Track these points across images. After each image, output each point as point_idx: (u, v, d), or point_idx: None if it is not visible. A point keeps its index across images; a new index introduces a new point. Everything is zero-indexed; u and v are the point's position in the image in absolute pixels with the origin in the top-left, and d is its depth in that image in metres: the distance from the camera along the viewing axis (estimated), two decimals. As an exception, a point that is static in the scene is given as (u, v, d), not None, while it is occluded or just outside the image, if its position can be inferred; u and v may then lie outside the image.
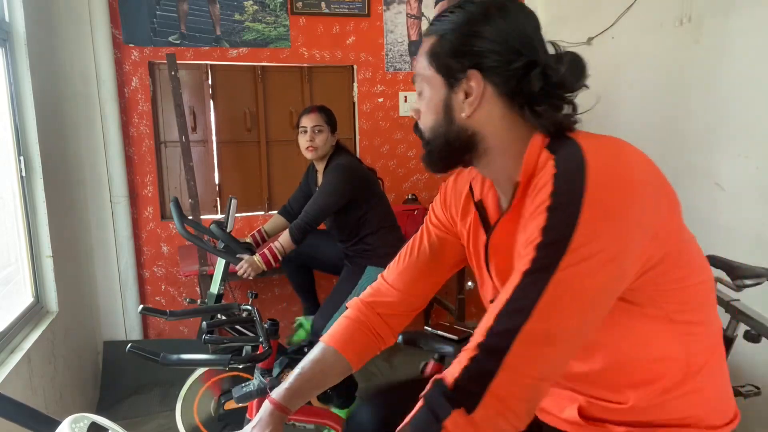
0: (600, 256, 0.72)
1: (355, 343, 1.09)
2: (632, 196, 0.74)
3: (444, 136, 0.90)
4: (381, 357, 3.14)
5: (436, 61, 0.88)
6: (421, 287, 1.13)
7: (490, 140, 0.88)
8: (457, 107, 0.88)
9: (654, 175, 0.80)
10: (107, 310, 3.00)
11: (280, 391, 1.00)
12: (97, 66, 2.80)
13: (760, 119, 2.03)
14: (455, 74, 0.86)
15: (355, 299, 1.15)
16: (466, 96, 0.86)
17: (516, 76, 0.84)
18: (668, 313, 0.82)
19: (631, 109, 2.69)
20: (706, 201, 2.24)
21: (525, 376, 0.72)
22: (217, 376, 2.13)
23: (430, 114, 0.91)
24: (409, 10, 3.33)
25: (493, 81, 0.85)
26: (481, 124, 0.87)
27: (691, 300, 0.84)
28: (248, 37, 3.08)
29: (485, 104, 0.86)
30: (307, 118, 2.44)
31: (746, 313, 1.54)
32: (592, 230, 0.72)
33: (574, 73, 0.85)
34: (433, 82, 0.89)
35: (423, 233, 1.14)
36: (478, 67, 0.85)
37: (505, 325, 0.73)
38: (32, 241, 2.14)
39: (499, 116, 0.87)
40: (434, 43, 0.88)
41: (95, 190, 2.90)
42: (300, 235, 2.33)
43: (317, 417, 1.68)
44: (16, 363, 1.74)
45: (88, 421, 0.68)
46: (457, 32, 0.86)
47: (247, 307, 1.58)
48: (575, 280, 0.72)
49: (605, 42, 2.82)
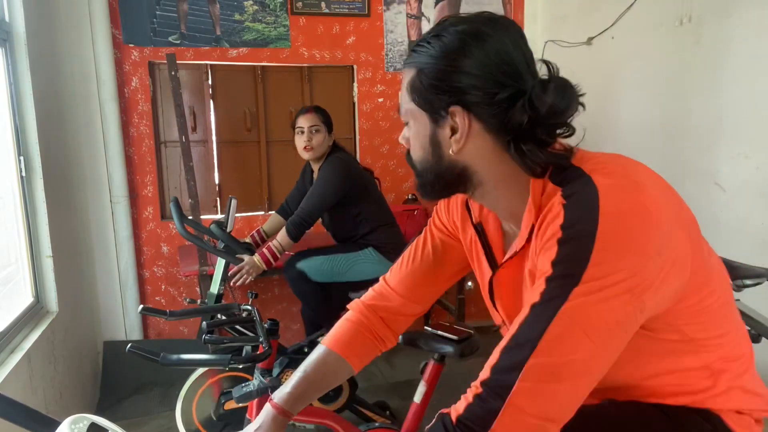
0: (615, 288, 0.68)
1: (357, 346, 1.07)
2: (649, 224, 0.70)
3: (434, 171, 0.86)
4: (381, 357, 3.11)
5: (418, 96, 0.83)
6: (424, 292, 1.11)
7: (483, 174, 0.84)
8: (444, 143, 0.83)
9: (668, 197, 0.77)
10: (107, 310, 3.00)
11: (282, 395, 0.99)
12: (97, 66, 2.80)
13: (760, 119, 2.03)
14: (438, 110, 0.81)
15: (357, 301, 1.13)
16: (453, 132, 0.82)
17: (501, 109, 0.78)
18: (687, 334, 0.80)
19: (631, 109, 2.69)
20: (706, 201, 2.24)
21: (529, 415, 0.68)
22: (217, 376, 2.13)
23: (419, 149, 0.87)
24: (409, 10, 3.33)
25: (479, 115, 0.80)
26: (470, 158, 0.83)
27: (710, 317, 0.81)
28: (248, 37, 3.08)
29: (473, 139, 0.81)
30: (304, 118, 2.44)
31: (746, 313, 1.54)
32: (608, 262, 0.68)
33: (562, 100, 0.76)
34: (418, 117, 0.85)
35: (427, 236, 1.10)
36: (461, 103, 0.79)
37: (510, 360, 0.70)
38: (32, 241, 2.14)
39: (490, 150, 0.82)
40: (414, 77, 0.83)
41: (95, 190, 2.90)
42: (297, 231, 2.34)
43: (317, 417, 1.68)
44: (16, 363, 1.74)
45: (88, 422, 0.68)
46: (436, 67, 0.80)
47: (247, 307, 1.58)
48: (586, 310, 0.68)
49: (605, 42, 2.82)
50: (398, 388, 2.79)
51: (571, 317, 0.68)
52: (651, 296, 0.71)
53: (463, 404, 0.73)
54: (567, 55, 3.08)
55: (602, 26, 2.81)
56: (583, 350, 0.69)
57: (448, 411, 0.75)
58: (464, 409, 0.72)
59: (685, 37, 2.33)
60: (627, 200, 0.71)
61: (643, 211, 0.71)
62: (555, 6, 3.26)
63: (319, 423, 1.69)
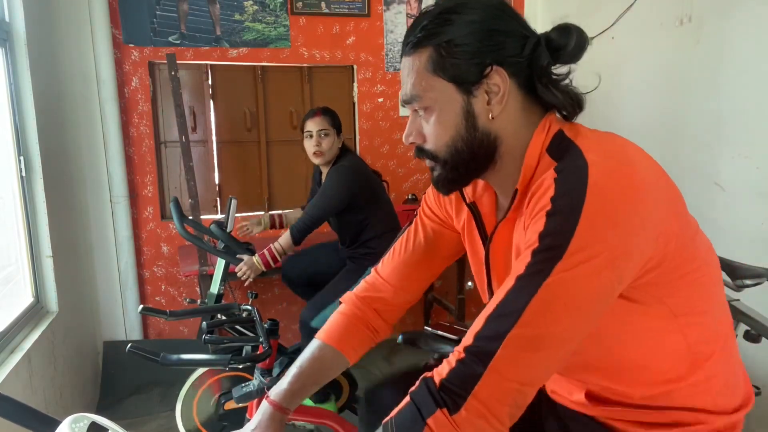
0: (596, 261, 0.71)
1: (352, 339, 1.08)
2: (635, 200, 0.73)
3: (469, 146, 0.85)
4: (381, 356, 3.14)
5: (443, 71, 0.83)
6: (416, 281, 1.12)
7: (509, 141, 0.86)
8: (479, 111, 0.84)
9: (657, 175, 0.79)
10: (107, 310, 3.00)
11: (279, 391, 0.99)
12: (97, 66, 2.80)
13: (760, 119, 2.03)
14: (472, 77, 0.82)
15: (350, 293, 1.14)
16: (488, 96, 0.83)
17: (526, 59, 0.83)
18: (671, 308, 0.82)
19: (631, 109, 2.69)
20: (706, 201, 2.24)
21: (509, 380, 0.72)
22: (217, 376, 2.13)
23: (448, 129, 0.85)
24: (409, 10, 3.33)
25: (511, 71, 0.83)
26: (503, 123, 0.85)
27: (694, 292, 0.83)
28: (248, 37, 3.08)
29: (508, 99, 0.84)
30: (312, 122, 2.39)
31: (746, 313, 1.54)
32: (592, 235, 0.71)
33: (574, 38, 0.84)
34: (445, 94, 0.84)
35: (417, 226, 1.11)
36: (498, 62, 0.82)
37: (493, 329, 0.73)
38: (32, 241, 2.14)
39: (519, 109, 0.85)
40: (432, 54, 0.83)
41: (95, 190, 2.90)
42: (300, 236, 2.33)
43: (317, 417, 1.68)
44: (16, 363, 1.74)
45: (88, 421, 0.68)
46: (464, 35, 0.82)
47: (247, 307, 1.58)
48: (567, 285, 0.71)
49: (605, 42, 2.82)
50: (398, 388, 2.79)
51: (553, 291, 0.71)
52: (631, 267, 0.74)
53: (446, 368, 0.76)
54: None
55: (602, 26, 2.81)
56: (564, 322, 0.72)
57: (431, 374, 0.77)
58: (447, 373, 0.75)
59: (685, 37, 2.33)
60: (615, 176, 0.74)
61: (631, 186, 0.74)
62: (555, 6, 3.26)
63: (319, 423, 1.69)
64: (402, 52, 0.89)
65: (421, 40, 0.84)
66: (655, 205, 0.75)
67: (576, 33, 0.84)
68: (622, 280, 0.75)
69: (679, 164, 2.37)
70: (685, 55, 2.34)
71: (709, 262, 0.87)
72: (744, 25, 2.07)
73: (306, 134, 2.42)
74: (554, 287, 0.71)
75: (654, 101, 2.55)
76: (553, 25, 0.88)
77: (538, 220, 0.75)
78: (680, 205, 0.82)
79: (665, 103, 2.48)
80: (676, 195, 0.82)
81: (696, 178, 2.29)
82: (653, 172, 0.79)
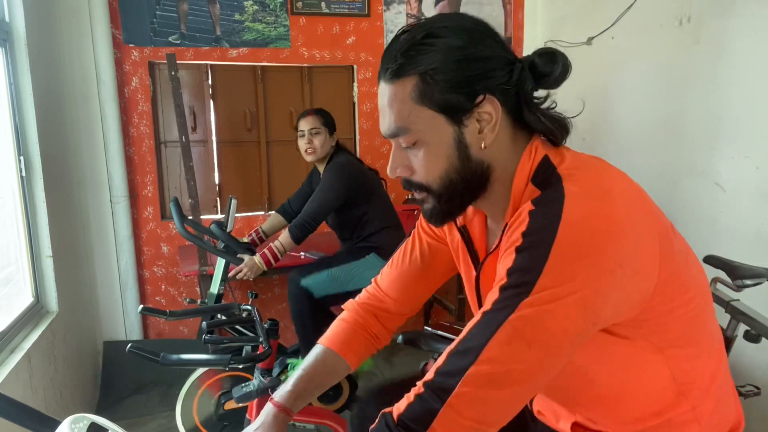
0: (565, 300, 0.68)
1: (354, 345, 1.09)
2: (610, 235, 0.70)
3: (462, 177, 0.82)
4: (381, 357, 3.14)
5: (430, 101, 0.78)
6: (415, 294, 1.12)
7: (499, 168, 0.83)
8: (471, 141, 0.80)
9: (638, 207, 0.76)
10: (107, 310, 3.00)
11: (283, 393, 1.00)
12: (97, 66, 2.80)
13: (760, 119, 2.03)
14: (463, 106, 0.78)
15: (352, 301, 1.15)
16: (479, 124, 0.80)
17: (512, 85, 0.80)
18: (655, 344, 0.80)
19: (631, 109, 2.69)
20: (706, 201, 2.24)
21: (465, 418, 0.70)
22: (217, 376, 2.13)
23: (439, 161, 0.81)
24: (409, 10, 3.33)
25: (501, 99, 0.79)
26: (494, 151, 0.82)
27: (683, 327, 0.81)
28: (248, 37, 3.08)
29: (499, 127, 0.80)
30: (304, 121, 2.45)
31: (746, 313, 1.54)
32: (562, 273, 0.68)
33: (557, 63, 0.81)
34: (435, 125, 0.79)
35: (415, 240, 1.11)
36: (488, 90, 0.78)
37: (454, 364, 0.72)
38: (32, 241, 2.14)
39: (509, 135, 0.82)
40: (418, 85, 0.78)
41: (95, 190, 2.90)
42: (300, 234, 2.33)
43: (318, 417, 1.68)
44: (16, 363, 1.74)
45: (88, 421, 0.68)
46: (452, 62, 0.77)
47: (247, 307, 1.58)
48: (532, 322, 0.69)
49: (605, 42, 2.82)
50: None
51: (515, 327, 0.69)
52: (608, 308, 0.72)
53: (404, 403, 0.75)
54: (567, 55, 3.07)
55: (602, 26, 2.81)
56: (525, 361, 0.69)
57: (391, 410, 0.76)
58: (405, 408, 0.74)
59: (685, 37, 2.33)
60: (591, 211, 0.71)
61: (607, 222, 0.71)
62: (555, 6, 3.26)
63: (319, 423, 1.70)
64: (380, 78, 0.83)
65: (403, 67, 0.79)
66: (634, 241, 0.72)
67: (561, 59, 0.81)
68: (598, 321, 0.72)
69: (679, 164, 2.37)
70: (685, 55, 2.34)
71: (703, 291, 0.84)
72: (743, 25, 2.07)
73: (299, 134, 2.47)
74: (517, 324, 0.69)
75: (654, 101, 2.55)
76: (554, 25, 0.86)
77: (509, 255, 0.73)
78: (665, 236, 0.79)
79: (665, 103, 2.48)
80: (660, 225, 0.79)
81: (696, 178, 2.30)
82: (634, 204, 0.76)
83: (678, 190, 2.38)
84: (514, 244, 0.73)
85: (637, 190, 0.79)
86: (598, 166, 0.81)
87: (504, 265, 0.74)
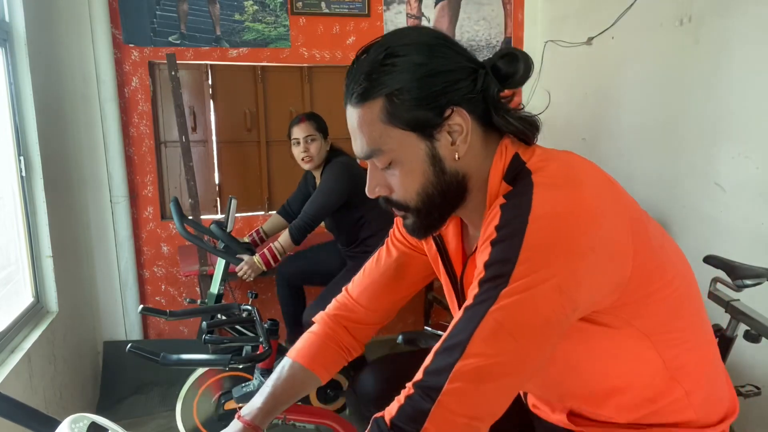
0: (542, 287, 0.69)
1: (323, 358, 1.08)
2: (581, 221, 0.71)
3: (439, 190, 0.83)
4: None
5: (399, 120, 0.79)
6: (386, 303, 1.11)
7: (475, 177, 0.84)
8: (445, 154, 0.81)
9: (608, 193, 0.77)
10: (107, 310, 3.00)
11: (252, 410, 0.99)
12: (97, 66, 2.80)
13: (760, 119, 2.03)
14: (432, 121, 0.79)
15: (322, 313, 1.14)
16: (451, 137, 0.80)
17: (478, 92, 0.80)
18: (639, 329, 0.80)
19: (631, 108, 2.69)
20: (706, 201, 2.24)
21: (458, 415, 0.70)
22: (217, 376, 2.13)
23: (416, 178, 0.82)
24: (409, 10, 3.33)
25: (469, 109, 0.80)
26: (468, 160, 0.82)
27: (665, 310, 0.81)
28: (248, 37, 3.08)
29: (470, 136, 0.81)
30: (298, 128, 2.41)
31: (746, 313, 1.54)
32: (535, 261, 0.69)
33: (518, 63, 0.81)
34: (405, 144, 0.80)
35: (389, 248, 1.10)
36: (454, 102, 0.79)
37: (441, 362, 0.72)
38: (32, 241, 2.14)
39: (480, 141, 0.82)
40: (385, 105, 0.79)
41: (95, 190, 2.90)
42: (299, 235, 2.33)
43: (318, 417, 1.68)
44: (16, 363, 1.74)
45: (88, 421, 0.68)
46: (416, 78, 0.78)
47: (247, 307, 1.59)
48: (513, 312, 0.69)
49: (605, 42, 2.82)
50: (398, 388, 2.79)
51: (497, 319, 0.70)
52: (584, 293, 0.72)
53: (395, 406, 0.74)
54: (567, 55, 3.08)
55: (602, 26, 2.81)
56: (510, 351, 0.70)
57: (382, 414, 0.76)
58: (396, 411, 0.74)
59: (685, 37, 2.33)
60: (560, 199, 0.72)
61: (576, 208, 0.72)
62: (555, 6, 3.26)
63: (319, 423, 1.70)
64: (346, 101, 0.84)
65: (368, 90, 0.80)
66: (605, 226, 0.73)
67: (522, 59, 0.81)
68: (577, 306, 0.72)
69: (679, 164, 2.37)
70: (685, 55, 2.34)
71: (683, 273, 0.85)
72: (743, 25, 2.07)
73: (293, 141, 2.44)
74: (498, 315, 0.69)
75: (654, 101, 2.55)
76: (554, 25, 0.87)
77: (485, 250, 0.74)
78: (638, 220, 0.79)
79: (665, 103, 2.48)
80: (632, 208, 0.80)
81: (696, 178, 2.30)
82: (602, 191, 0.77)
83: (678, 190, 2.38)
84: (489, 238, 0.74)
85: (606, 178, 0.80)
86: (567, 158, 0.81)
87: (481, 259, 0.74)
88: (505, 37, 3.47)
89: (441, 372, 0.71)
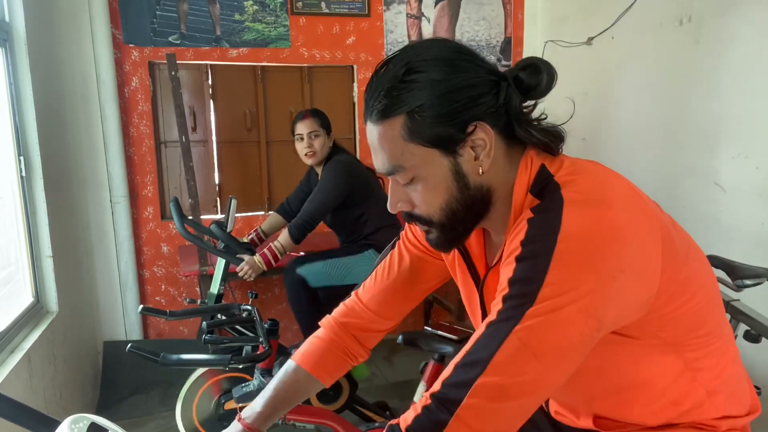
0: (570, 308, 0.68)
1: (327, 364, 1.07)
2: (611, 241, 0.70)
3: (464, 206, 0.81)
4: (381, 357, 3.14)
5: (421, 137, 0.77)
6: (397, 308, 1.09)
7: (499, 190, 0.82)
8: (468, 169, 0.80)
9: (638, 210, 0.76)
10: (107, 310, 3.00)
11: (252, 413, 0.98)
12: (97, 66, 2.80)
13: (760, 119, 2.03)
14: (454, 138, 0.77)
15: (329, 318, 1.12)
16: (474, 152, 0.79)
17: (500, 105, 0.79)
18: (665, 340, 0.80)
19: (631, 108, 2.69)
20: (706, 201, 2.24)
21: (474, 429, 0.69)
22: (217, 376, 2.13)
23: (439, 194, 0.81)
24: (409, 10, 3.33)
25: (492, 123, 0.78)
26: (492, 174, 0.81)
27: (689, 322, 0.81)
28: (248, 37, 3.08)
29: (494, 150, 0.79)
30: (302, 124, 2.42)
31: (746, 313, 1.54)
32: (564, 281, 0.68)
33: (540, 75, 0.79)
34: (429, 160, 0.79)
35: (401, 252, 1.08)
36: (478, 117, 0.77)
37: (461, 376, 0.71)
38: (32, 241, 2.14)
39: (504, 154, 0.81)
40: (406, 123, 0.77)
41: (95, 190, 2.90)
42: (299, 234, 2.33)
43: (318, 417, 1.68)
44: (16, 363, 1.74)
45: (88, 422, 0.68)
46: (437, 96, 0.76)
47: (247, 307, 1.59)
48: (538, 332, 0.69)
49: (605, 42, 2.82)
50: (398, 388, 2.79)
51: (521, 339, 0.69)
52: (611, 314, 0.72)
53: (412, 415, 0.74)
54: (567, 55, 3.08)
55: (602, 26, 2.81)
56: (532, 371, 0.69)
57: (397, 421, 0.75)
58: (412, 420, 0.73)
59: (685, 37, 2.33)
60: (591, 217, 0.71)
61: (607, 228, 0.70)
62: (555, 6, 3.26)
63: (319, 423, 1.70)
64: (366, 117, 0.82)
65: (388, 107, 0.78)
66: (635, 246, 0.72)
67: (545, 70, 0.79)
68: (602, 326, 0.72)
69: (679, 164, 2.37)
70: (685, 55, 2.34)
71: (705, 282, 0.84)
72: (743, 25, 2.07)
73: (297, 137, 2.45)
74: (523, 335, 0.69)
75: (654, 101, 2.55)
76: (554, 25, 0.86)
77: (509, 265, 0.73)
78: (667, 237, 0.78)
79: (665, 102, 2.48)
80: (661, 225, 0.78)
81: (696, 178, 2.30)
82: (633, 208, 0.76)
83: (678, 190, 2.37)
84: (513, 253, 0.73)
85: (635, 192, 0.79)
86: (596, 171, 0.80)
87: (506, 274, 0.73)
88: (505, 37, 3.47)
89: (461, 386, 0.70)
